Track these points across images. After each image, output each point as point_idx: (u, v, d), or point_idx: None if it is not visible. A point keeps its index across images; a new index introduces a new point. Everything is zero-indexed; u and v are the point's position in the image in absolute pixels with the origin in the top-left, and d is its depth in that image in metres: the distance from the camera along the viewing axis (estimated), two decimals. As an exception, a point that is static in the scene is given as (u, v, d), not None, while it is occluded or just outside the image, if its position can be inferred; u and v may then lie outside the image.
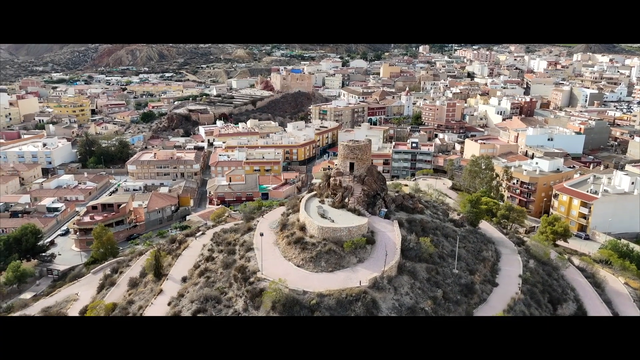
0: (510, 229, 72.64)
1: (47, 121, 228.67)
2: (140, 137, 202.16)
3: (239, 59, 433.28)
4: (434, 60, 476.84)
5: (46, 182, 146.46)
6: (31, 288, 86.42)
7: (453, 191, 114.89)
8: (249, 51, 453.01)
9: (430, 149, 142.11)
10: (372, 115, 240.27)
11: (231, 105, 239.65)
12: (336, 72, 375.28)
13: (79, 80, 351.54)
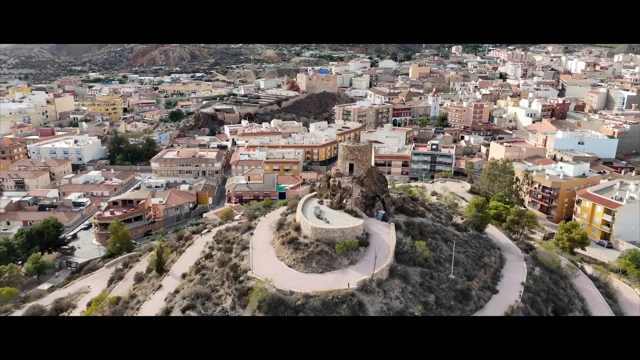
0: (520, 235, 70.34)
1: (81, 119, 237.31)
2: (167, 136, 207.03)
3: (268, 59, 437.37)
4: (466, 60, 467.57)
5: (74, 178, 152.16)
6: (50, 279, 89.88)
7: (471, 194, 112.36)
8: (279, 52, 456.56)
9: (450, 151, 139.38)
10: (397, 116, 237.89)
11: (257, 105, 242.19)
12: (364, 73, 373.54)
13: (114, 79, 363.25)
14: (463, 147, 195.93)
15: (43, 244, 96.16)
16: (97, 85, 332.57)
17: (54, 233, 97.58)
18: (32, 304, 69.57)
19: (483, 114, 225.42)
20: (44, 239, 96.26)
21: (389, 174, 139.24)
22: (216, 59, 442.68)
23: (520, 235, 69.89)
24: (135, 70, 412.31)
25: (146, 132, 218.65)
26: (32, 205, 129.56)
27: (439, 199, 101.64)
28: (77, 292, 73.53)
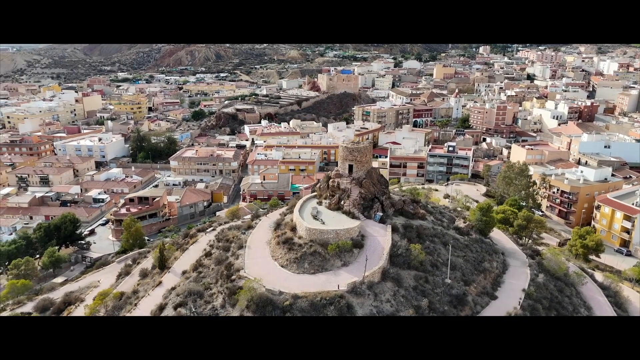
0: (528, 240, 68.43)
1: (107, 117, 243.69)
2: (188, 135, 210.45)
3: (291, 59, 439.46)
4: (492, 61, 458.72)
5: (97, 175, 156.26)
6: (65, 273, 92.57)
7: (486, 198, 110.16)
8: (302, 52, 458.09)
9: (468, 154, 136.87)
10: (417, 117, 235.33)
11: (277, 105, 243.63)
12: (387, 73, 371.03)
13: (141, 79, 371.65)
14: (484, 149, 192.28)
15: (60, 239, 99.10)
16: (125, 84, 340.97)
17: (71, 228, 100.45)
18: (43, 297, 71.86)
19: (506, 116, 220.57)
20: (61, 233, 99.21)
21: (404, 175, 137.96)
22: (240, 59, 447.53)
23: (528, 241, 68.00)
24: (162, 70, 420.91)
25: (169, 131, 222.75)
26: (54, 200, 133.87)
27: (451, 202, 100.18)
28: (87, 286, 75.49)
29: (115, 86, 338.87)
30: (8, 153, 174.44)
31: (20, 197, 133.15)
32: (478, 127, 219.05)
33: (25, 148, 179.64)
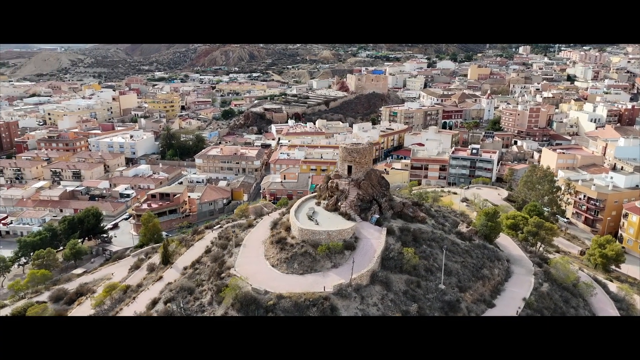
0: (538, 248, 65.78)
1: (141, 115, 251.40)
2: (216, 133, 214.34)
3: (324, 60, 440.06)
4: (531, 61, 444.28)
5: (125, 171, 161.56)
6: (85, 265, 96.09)
7: (507, 202, 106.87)
8: (335, 52, 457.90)
9: (492, 157, 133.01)
10: (447, 118, 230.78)
11: (305, 105, 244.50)
12: (419, 74, 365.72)
13: (177, 78, 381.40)
14: (514, 152, 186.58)
15: (83, 232, 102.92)
16: (161, 83, 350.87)
17: (94, 221, 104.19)
18: (58, 287, 74.91)
19: (540, 118, 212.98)
20: (84, 226, 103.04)
21: (426, 177, 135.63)
22: (273, 59, 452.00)
23: (539, 248, 65.40)
24: (197, 70, 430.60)
25: (199, 129, 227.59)
26: (84, 194, 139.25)
27: (468, 206, 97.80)
28: (100, 278, 78.08)
29: (152, 85, 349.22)
30: (45, 148, 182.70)
31: (52, 190, 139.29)
32: (509, 129, 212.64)
33: (61, 144, 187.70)
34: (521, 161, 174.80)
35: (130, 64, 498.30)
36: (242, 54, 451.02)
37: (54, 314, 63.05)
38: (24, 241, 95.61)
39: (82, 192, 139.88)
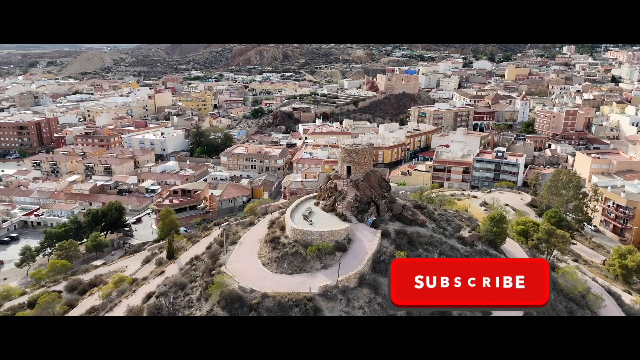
0: (550, 256, 62.99)
1: (174, 113, 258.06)
2: (244, 132, 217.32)
3: (357, 59, 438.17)
4: (574, 62, 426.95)
5: (154, 167, 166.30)
6: (106, 257, 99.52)
7: (530, 208, 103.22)
8: (369, 52, 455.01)
9: (518, 160, 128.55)
10: (479, 120, 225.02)
11: (334, 104, 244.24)
12: (454, 74, 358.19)
13: (211, 77, 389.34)
14: (547, 156, 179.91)
15: (106, 225, 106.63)
16: (196, 82, 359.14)
17: (116, 215, 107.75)
18: (74, 277, 77.95)
19: (577, 121, 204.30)
20: (107, 220, 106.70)
21: (448, 180, 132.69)
22: (307, 59, 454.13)
23: (549, 256, 62.66)
24: (232, 69, 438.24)
25: (229, 128, 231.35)
26: (113, 189, 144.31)
27: (486, 210, 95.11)
28: (115, 271, 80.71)
29: (187, 84, 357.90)
30: (81, 144, 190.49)
31: (83, 184, 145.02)
32: (543, 132, 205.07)
33: (97, 139, 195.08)
34: (554, 165, 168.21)
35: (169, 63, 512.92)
36: (276, 53, 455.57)
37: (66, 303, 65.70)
38: (50, 232, 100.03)
39: (111, 187, 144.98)
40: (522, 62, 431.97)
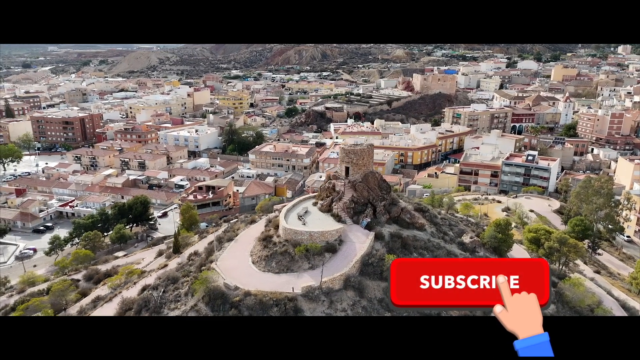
0: (561, 266, 59.59)
1: (210, 111, 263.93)
2: (275, 130, 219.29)
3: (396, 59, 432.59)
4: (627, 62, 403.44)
5: (185, 163, 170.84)
6: (129, 249, 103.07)
7: (556, 215, 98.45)
8: (409, 51, 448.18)
9: (550, 164, 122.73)
10: (517, 122, 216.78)
11: (367, 104, 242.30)
12: (496, 74, 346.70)
13: (250, 76, 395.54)
14: (588, 161, 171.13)
15: (131, 218, 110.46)
16: (235, 81, 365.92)
17: (141, 209, 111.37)
18: (93, 267, 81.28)
19: (623, 125, 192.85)
20: (132, 213, 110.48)
21: (475, 183, 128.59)
22: (345, 58, 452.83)
23: (561, 267, 59.33)
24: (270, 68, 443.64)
25: (263, 126, 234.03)
26: (144, 183, 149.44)
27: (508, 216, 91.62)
28: (131, 262, 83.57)
29: (226, 83, 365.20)
30: (120, 139, 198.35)
31: (117, 178, 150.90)
32: (586, 136, 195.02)
33: (135, 135, 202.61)
34: (594, 171, 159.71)
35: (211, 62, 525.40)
36: (314, 53, 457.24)
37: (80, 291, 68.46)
38: (78, 223, 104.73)
39: (143, 181, 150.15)
40: (571, 62, 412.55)
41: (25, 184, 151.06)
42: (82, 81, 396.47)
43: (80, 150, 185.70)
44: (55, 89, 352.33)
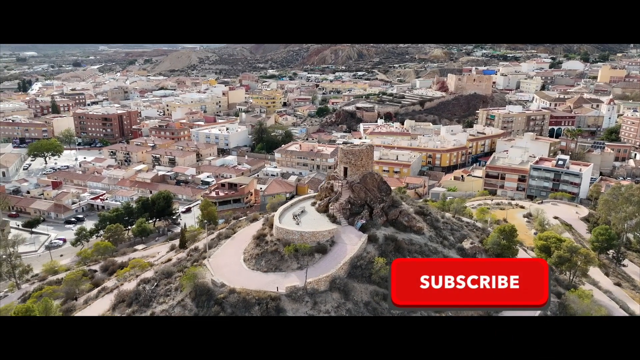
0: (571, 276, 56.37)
1: (243, 110, 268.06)
2: (304, 130, 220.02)
3: (434, 58, 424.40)
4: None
5: (214, 160, 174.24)
6: (150, 242, 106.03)
7: (584, 223, 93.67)
8: (447, 51, 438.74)
9: (582, 170, 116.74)
10: (555, 125, 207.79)
11: (399, 104, 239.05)
12: (538, 74, 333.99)
13: (285, 76, 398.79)
14: (629, 167, 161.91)
15: (153, 212, 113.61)
16: (270, 80, 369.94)
17: (163, 204, 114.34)
18: (110, 259, 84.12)
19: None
20: (155, 207, 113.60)
21: (502, 187, 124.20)
22: (381, 58, 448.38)
23: (572, 278, 56.17)
24: (306, 68, 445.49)
25: (293, 125, 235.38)
26: (172, 179, 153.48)
27: (529, 222, 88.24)
28: (148, 255, 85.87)
29: (262, 82, 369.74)
30: (154, 136, 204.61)
31: (147, 173, 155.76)
32: (629, 140, 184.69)
33: (168, 132, 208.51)
34: (636, 178, 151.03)
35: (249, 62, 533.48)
36: (351, 52, 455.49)
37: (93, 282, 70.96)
38: (103, 216, 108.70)
39: (171, 177, 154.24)
40: (621, 63, 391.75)
41: (62, 177, 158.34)
42: (126, 79, 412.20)
43: (115, 146, 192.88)
44: (100, 87, 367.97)
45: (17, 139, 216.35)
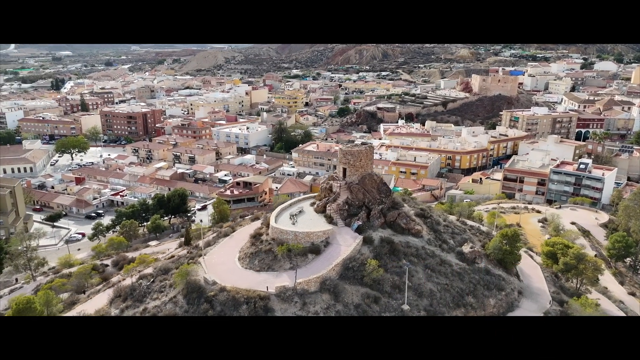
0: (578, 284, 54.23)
1: (265, 109, 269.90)
2: (324, 130, 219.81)
3: (460, 59, 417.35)
4: None
5: (232, 159, 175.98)
6: (163, 239, 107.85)
7: (602, 229, 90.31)
8: (474, 51, 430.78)
9: (605, 174, 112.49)
10: (583, 127, 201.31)
11: (421, 105, 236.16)
12: (568, 75, 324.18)
13: (309, 76, 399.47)
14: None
15: (168, 209, 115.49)
16: (293, 80, 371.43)
17: (178, 201, 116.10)
18: (122, 254, 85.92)
19: None
20: (171, 204, 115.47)
21: (520, 191, 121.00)
22: (406, 58, 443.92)
23: (579, 286, 54.06)
24: (330, 68, 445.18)
25: (314, 125, 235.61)
26: (190, 177, 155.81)
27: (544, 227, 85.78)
28: (158, 251, 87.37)
29: (285, 82, 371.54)
30: (177, 134, 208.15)
31: (167, 171, 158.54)
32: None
33: (190, 131, 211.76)
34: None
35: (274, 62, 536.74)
36: (375, 52, 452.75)
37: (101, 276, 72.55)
38: (120, 212, 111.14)
39: (190, 175, 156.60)
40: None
41: (86, 173, 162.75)
42: (154, 79, 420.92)
43: (138, 143, 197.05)
44: (129, 86, 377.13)
45: (47, 135, 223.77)
